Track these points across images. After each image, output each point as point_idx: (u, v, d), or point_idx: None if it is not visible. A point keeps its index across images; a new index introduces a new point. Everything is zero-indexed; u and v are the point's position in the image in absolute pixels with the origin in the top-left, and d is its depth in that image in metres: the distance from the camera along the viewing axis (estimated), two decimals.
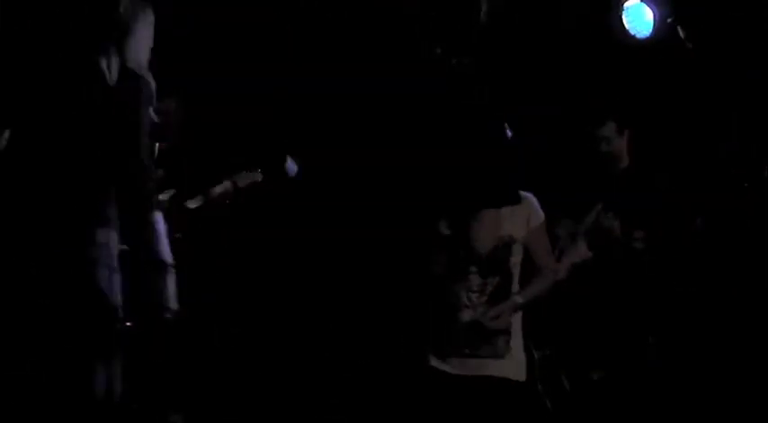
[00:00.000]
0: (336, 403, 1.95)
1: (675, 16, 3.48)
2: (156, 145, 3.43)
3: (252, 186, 3.63)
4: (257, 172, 3.63)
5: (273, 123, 4.42)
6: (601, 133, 3.27)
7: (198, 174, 3.83)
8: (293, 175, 3.34)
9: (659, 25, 3.56)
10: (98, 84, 1.93)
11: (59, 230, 1.91)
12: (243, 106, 4.57)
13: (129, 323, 3.77)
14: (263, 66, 5.26)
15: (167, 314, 1.95)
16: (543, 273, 2.43)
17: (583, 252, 3.22)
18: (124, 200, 2.00)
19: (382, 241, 1.89)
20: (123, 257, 3.55)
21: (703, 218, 3.31)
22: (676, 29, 3.52)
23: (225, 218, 4.32)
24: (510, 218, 2.40)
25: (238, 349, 4.50)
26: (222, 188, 3.95)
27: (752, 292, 3.03)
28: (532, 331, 3.21)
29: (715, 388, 3.15)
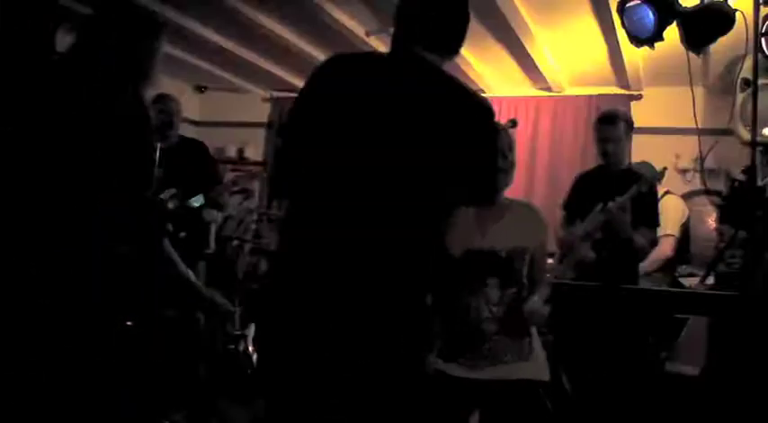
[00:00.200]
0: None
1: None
2: (158, 145, 3.44)
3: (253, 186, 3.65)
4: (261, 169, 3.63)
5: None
6: (611, 133, 3.27)
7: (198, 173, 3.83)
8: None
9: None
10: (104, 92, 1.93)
11: (59, 231, 1.90)
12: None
13: (130, 323, 3.78)
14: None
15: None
16: (545, 281, 2.43)
17: (584, 253, 3.22)
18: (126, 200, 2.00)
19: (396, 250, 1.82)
20: (124, 257, 3.55)
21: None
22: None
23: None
24: (523, 228, 2.37)
25: (241, 349, 4.50)
26: (223, 188, 3.95)
27: (756, 292, 3.02)
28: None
29: (716, 388, 3.14)
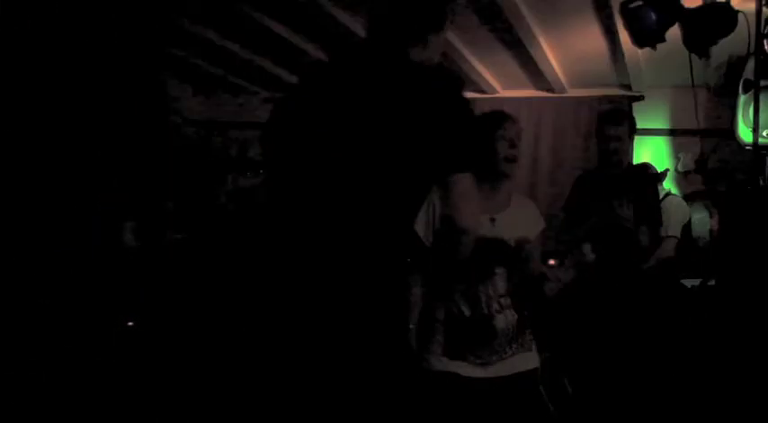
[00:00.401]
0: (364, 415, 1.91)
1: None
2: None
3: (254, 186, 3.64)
4: (259, 172, 3.63)
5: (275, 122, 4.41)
6: (614, 133, 3.27)
7: (200, 174, 3.84)
8: None
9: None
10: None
11: (60, 231, 1.91)
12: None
13: (131, 323, 3.79)
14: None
15: None
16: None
17: (586, 254, 3.22)
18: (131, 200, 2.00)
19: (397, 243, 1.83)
20: (125, 257, 3.56)
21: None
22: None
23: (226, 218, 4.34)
24: (523, 220, 2.38)
25: (244, 350, 4.50)
26: (224, 188, 3.97)
27: (755, 290, 3.02)
28: (534, 334, 3.22)
29: (717, 388, 3.14)
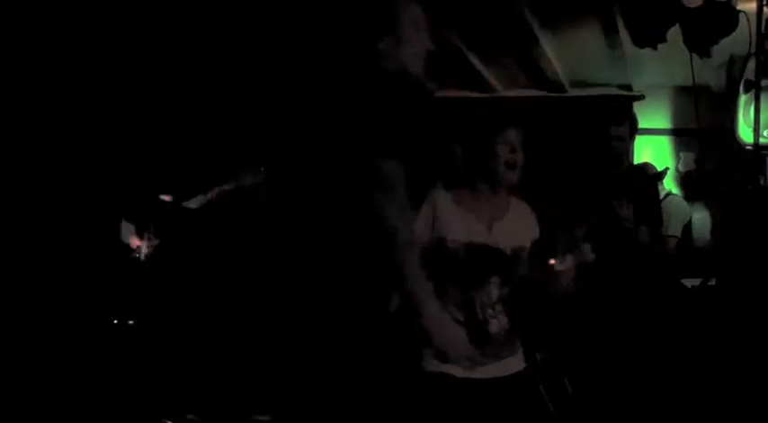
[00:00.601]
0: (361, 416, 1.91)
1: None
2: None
3: (255, 185, 3.62)
4: (261, 170, 3.60)
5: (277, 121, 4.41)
6: (616, 133, 3.27)
7: (199, 173, 3.83)
8: None
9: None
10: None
11: (60, 231, 1.91)
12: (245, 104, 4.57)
13: (132, 322, 3.79)
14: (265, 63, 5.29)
15: None
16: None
17: (586, 254, 3.21)
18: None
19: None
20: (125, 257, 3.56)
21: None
22: None
23: (226, 217, 4.33)
24: (524, 226, 2.37)
25: (246, 352, 4.50)
26: (225, 188, 3.95)
27: (756, 290, 3.02)
28: (535, 334, 3.21)
29: (717, 388, 3.14)
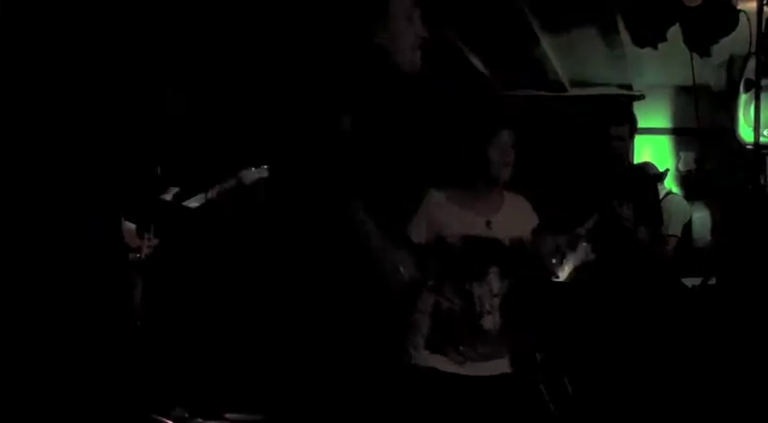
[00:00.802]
0: (346, 408, 1.92)
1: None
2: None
3: (257, 184, 3.61)
4: (263, 169, 3.60)
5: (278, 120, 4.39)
6: (615, 133, 3.27)
7: (201, 171, 3.83)
8: None
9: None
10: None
11: (60, 231, 1.90)
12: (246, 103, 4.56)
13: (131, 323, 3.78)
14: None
15: None
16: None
17: (585, 254, 3.22)
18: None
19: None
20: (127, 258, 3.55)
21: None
22: None
23: (228, 216, 4.32)
24: (518, 219, 2.39)
25: (239, 349, 4.50)
26: (225, 186, 3.95)
27: (756, 292, 3.02)
28: (535, 333, 3.21)
29: (717, 388, 3.14)
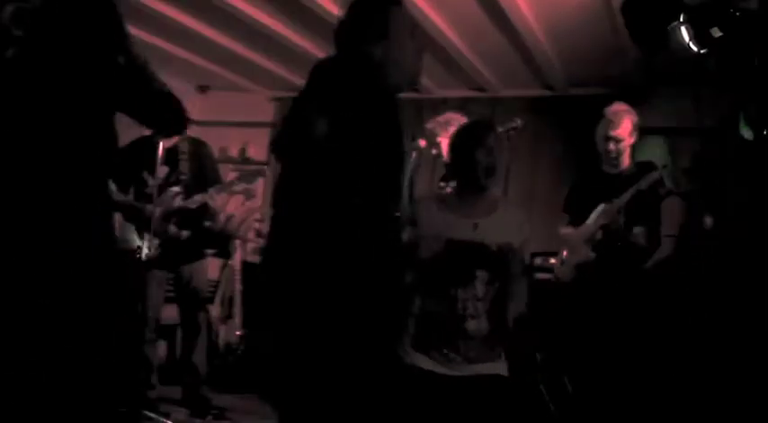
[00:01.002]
0: (330, 405, 1.93)
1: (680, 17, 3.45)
2: (161, 144, 3.44)
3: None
4: (264, 168, 3.61)
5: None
6: (615, 133, 3.26)
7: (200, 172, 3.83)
8: None
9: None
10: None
11: (59, 231, 1.90)
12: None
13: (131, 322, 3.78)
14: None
15: None
16: (520, 276, 2.44)
17: (585, 254, 3.22)
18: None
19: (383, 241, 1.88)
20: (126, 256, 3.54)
21: (711, 216, 3.31)
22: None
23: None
24: (512, 224, 2.40)
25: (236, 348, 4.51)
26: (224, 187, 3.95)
27: (756, 292, 3.02)
28: (535, 333, 3.22)
29: (717, 388, 3.14)
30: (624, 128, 3.26)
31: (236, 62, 5.25)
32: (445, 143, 3.01)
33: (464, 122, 2.64)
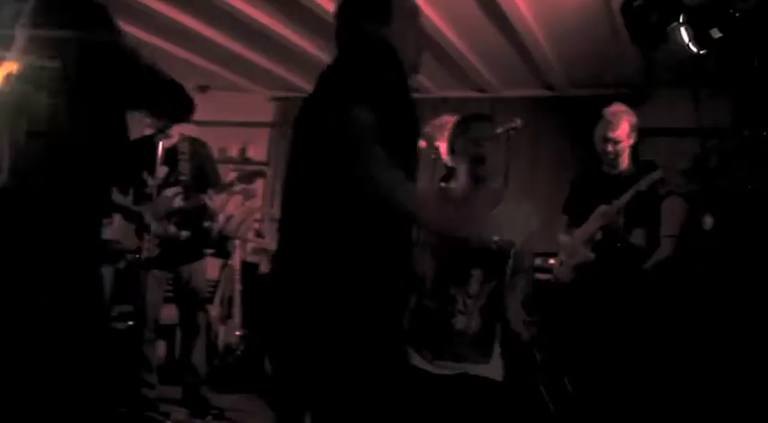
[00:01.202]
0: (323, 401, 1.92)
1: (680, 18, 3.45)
2: (161, 143, 3.44)
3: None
4: (264, 168, 3.62)
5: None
6: (614, 133, 3.25)
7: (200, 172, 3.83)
8: None
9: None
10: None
11: (60, 233, 1.90)
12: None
13: (131, 322, 3.79)
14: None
15: None
16: (526, 273, 2.41)
17: (584, 255, 3.22)
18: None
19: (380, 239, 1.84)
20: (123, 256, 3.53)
21: (711, 217, 3.31)
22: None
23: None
24: (514, 218, 2.37)
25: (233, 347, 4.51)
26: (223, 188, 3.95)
27: (755, 292, 3.02)
28: (535, 333, 3.21)
29: (717, 388, 3.14)
30: (622, 129, 3.25)
31: (235, 62, 5.25)
32: (444, 147, 3.00)
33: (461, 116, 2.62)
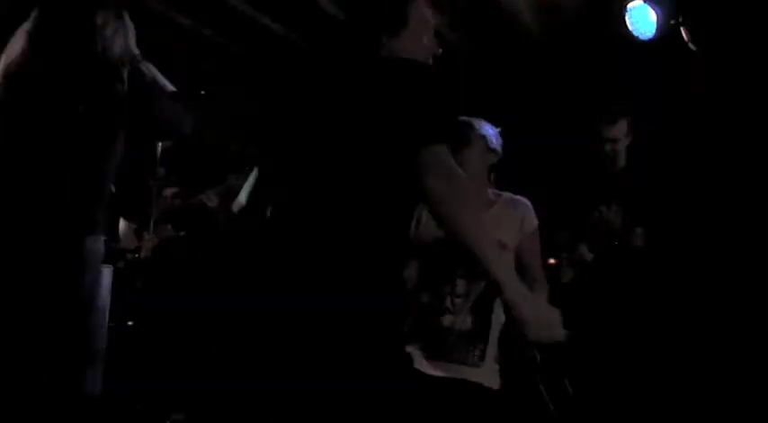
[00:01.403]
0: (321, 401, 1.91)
1: (679, 18, 3.46)
2: (160, 143, 3.45)
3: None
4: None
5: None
6: (609, 134, 3.26)
7: (203, 170, 3.83)
8: None
9: (663, 27, 3.54)
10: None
11: (50, 236, 1.90)
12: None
13: (131, 323, 3.79)
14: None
15: None
16: (535, 287, 2.33)
17: (583, 254, 3.23)
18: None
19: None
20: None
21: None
22: (680, 30, 3.50)
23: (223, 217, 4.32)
24: (503, 222, 2.34)
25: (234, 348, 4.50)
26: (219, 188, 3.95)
27: (752, 291, 3.02)
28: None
29: (716, 388, 3.15)
30: (620, 129, 3.26)
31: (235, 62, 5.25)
32: None
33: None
